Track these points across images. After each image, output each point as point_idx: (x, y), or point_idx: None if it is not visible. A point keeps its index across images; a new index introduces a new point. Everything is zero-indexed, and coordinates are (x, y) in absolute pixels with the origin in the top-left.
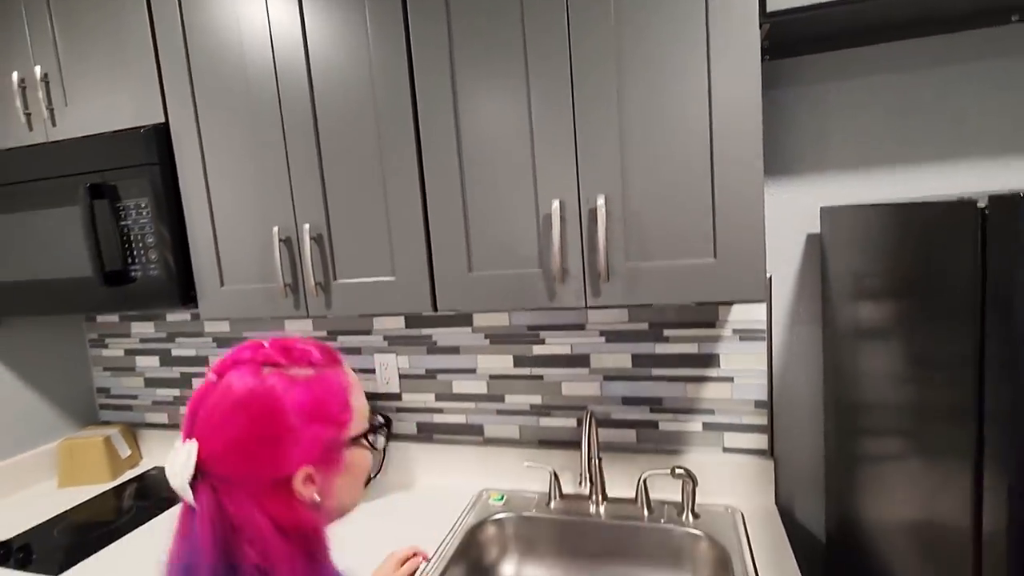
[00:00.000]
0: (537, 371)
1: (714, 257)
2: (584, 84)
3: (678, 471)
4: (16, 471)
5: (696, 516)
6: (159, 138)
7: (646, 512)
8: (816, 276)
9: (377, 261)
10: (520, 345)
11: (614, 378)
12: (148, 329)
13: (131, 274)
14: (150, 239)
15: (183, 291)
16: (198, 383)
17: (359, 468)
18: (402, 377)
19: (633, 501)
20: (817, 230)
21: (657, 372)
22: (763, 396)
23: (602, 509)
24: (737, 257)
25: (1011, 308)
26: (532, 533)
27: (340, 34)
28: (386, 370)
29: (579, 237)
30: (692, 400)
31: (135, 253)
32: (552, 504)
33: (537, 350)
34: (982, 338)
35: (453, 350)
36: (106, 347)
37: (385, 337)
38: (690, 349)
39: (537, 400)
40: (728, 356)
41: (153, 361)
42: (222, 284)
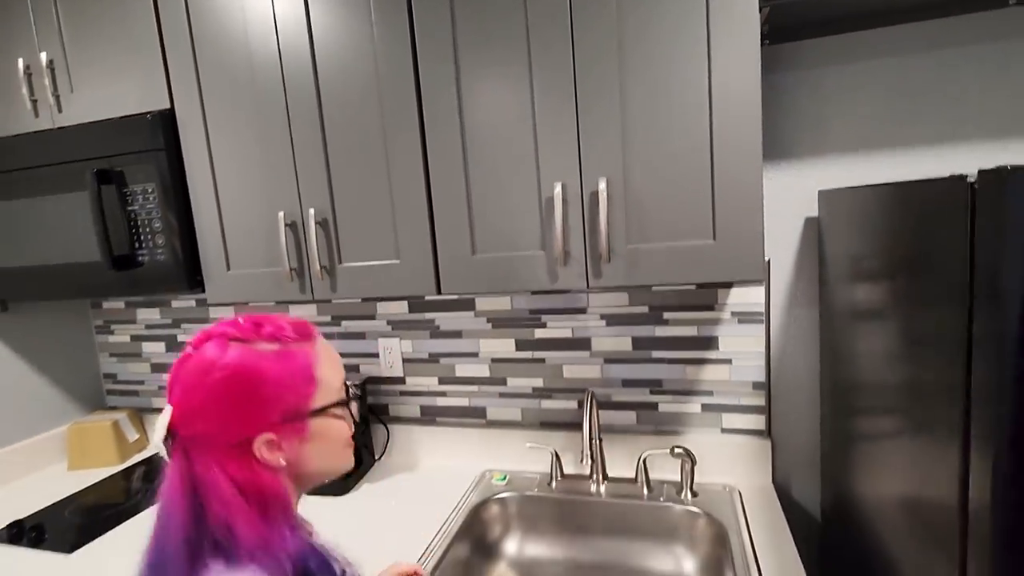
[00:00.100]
0: (539, 354)
1: (713, 239)
2: (586, 69)
3: (677, 450)
4: (26, 454)
5: (695, 494)
6: (165, 124)
7: (646, 491)
8: (814, 259)
9: (381, 245)
10: (522, 329)
11: (615, 361)
12: (154, 315)
13: (139, 258)
14: (157, 224)
15: (190, 275)
16: None
17: (329, 437)
18: (405, 361)
19: (633, 480)
20: (815, 214)
21: (657, 355)
22: (761, 378)
23: (603, 488)
24: (736, 238)
25: (999, 286)
26: (534, 511)
27: (344, 20)
28: (390, 354)
29: (581, 220)
30: (691, 382)
31: (142, 238)
32: (554, 484)
33: (539, 334)
34: (970, 317)
35: (456, 334)
36: (112, 333)
37: (389, 322)
38: (689, 332)
39: (539, 383)
40: (727, 339)
41: (159, 347)
42: (228, 268)
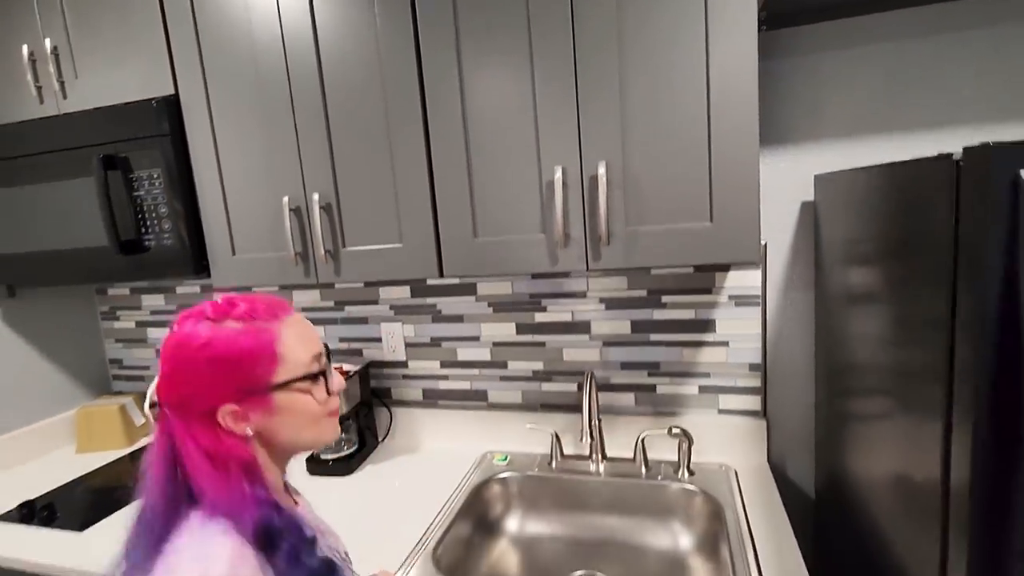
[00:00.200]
0: (539, 338)
1: (710, 221)
2: (586, 55)
3: (675, 431)
4: (36, 437)
5: (691, 473)
6: (169, 110)
7: (644, 470)
8: (810, 243)
9: (385, 229)
10: (522, 313)
11: (614, 344)
12: (158, 301)
13: (145, 243)
14: (163, 209)
15: (196, 260)
16: None
17: (296, 411)
18: (408, 345)
19: (631, 460)
20: (812, 198)
21: (655, 337)
22: (757, 359)
23: (602, 467)
24: (732, 220)
25: (981, 265)
26: (535, 490)
27: (347, 7)
28: (392, 339)
29: (581, 203)
30: (689, 364)
31: (148, 223)
32: (554, 464)
33: (539, 318)
34: (954, 297)
35: (457, 318)
36: (117, 319)
37: (391, 307)
38: (687, 315)
39: (539, 366)
40: (724, 322)
41: (164, 333)
42: (234, 253)
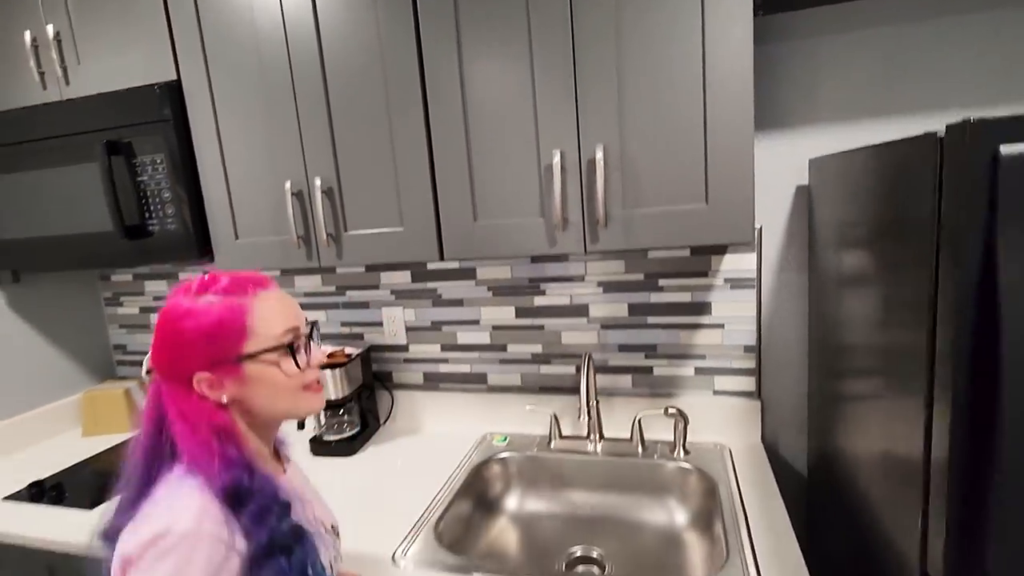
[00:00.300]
0: (538, 321)
1: (706, 203)
2: (584, 38)
3: (671, 411)
4: (42, 421)
5: (687, 452)
6: (172, 95)
7: (640, 449)
8: (804, 226)
9: (386, 213)
10: (521, 297)
11: (611, 327)
12: (161, 287)
13: (149, 228)
14: (166, 194)
15: (199, 244)
16: None
17: (266, 381)
18: (409, 329)
19: (628, 440)
20: (806, 182)
21: (652, 320)
22: (752, 341)
23: (599, 447)
24: (728, 202)
25: (962, 244)
26: (534, 469)
27: None
28: (393, 323)
29: (579, 186)
30: (685, 346)
31: (152, 208)
32: (552, 444)
33: (538, 301)
34: (936, 276)
35: (457, 302)
36: (121, 305)
37: (392, 291)
38: (683, 298)
39: (538, 349)
40: (719, 304)
41: None
42: (237, 237)
